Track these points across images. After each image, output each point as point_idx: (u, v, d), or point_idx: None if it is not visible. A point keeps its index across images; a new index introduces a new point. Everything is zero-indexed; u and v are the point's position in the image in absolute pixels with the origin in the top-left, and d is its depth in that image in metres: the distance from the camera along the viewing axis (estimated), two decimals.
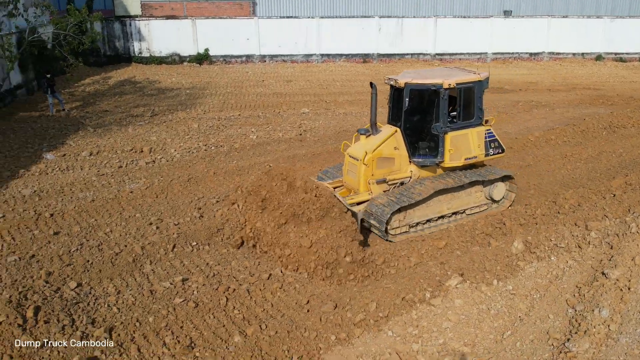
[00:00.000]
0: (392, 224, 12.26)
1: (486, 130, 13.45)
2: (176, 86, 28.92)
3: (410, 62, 35.36)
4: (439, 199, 12.87)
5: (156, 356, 8.96)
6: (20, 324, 9.22)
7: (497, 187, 13.64)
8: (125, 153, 18.39)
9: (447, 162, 13.05)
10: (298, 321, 9.77)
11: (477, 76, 13.06)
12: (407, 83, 12.57)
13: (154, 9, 35.24)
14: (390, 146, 12.91)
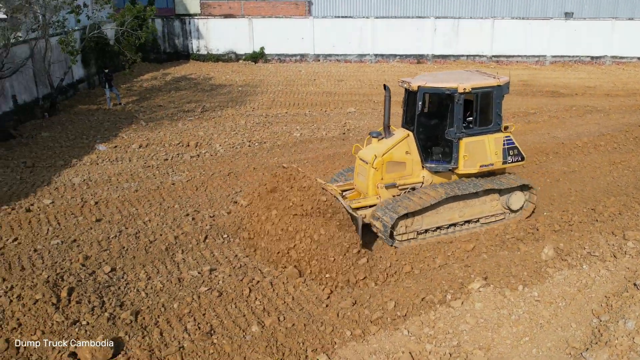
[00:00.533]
0: (398, 229, 12.05)
1: (505, 137, 12.96)
2: (229, 83, 29.60)
3: (465, 63, 34.86)
4: (450, 206, 12.49)
5: (177, 340, 9.32)
6: (54, 302, 9.80)
7: (515, 196, 13.11)
8: (173, 146, 19.04)
9: (461, 168, 12.64)
10: (316, 315, 9.94)
11: (496, 81, 12.61)
12: (420, 86, 12.26)
13: (212, 8, 36.15)
14: (402, 150, 12.61)
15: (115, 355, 8.87)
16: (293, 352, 9.13)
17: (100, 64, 28.00)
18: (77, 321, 9.53)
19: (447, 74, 14.13)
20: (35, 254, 11.80)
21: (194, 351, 9.07)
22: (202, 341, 9.29)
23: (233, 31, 35.31)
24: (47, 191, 15.22)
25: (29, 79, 22.56)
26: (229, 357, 9.01)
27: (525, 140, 19.35)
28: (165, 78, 31.24)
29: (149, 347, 9.10)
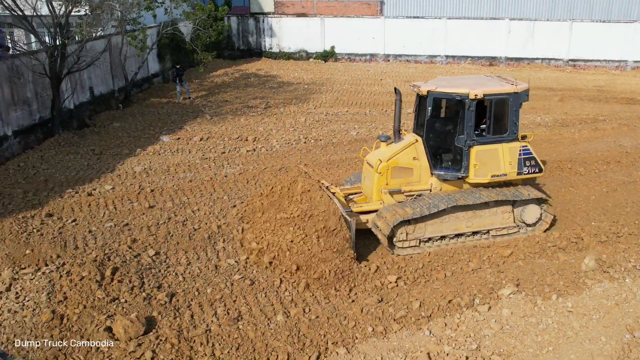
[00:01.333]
0: (399, 236, 11.81)
1: (521, 147, 12.41)
2: (297, 81, 30.14)
3: (540, 67, 33.83)
4: (456, 216, 12.10)
5: (205, 323, 9.79)
6: (98, 280, 10.53)
7: (529, 210, 12.51)
8: (232, 140, 19.70)
9: (471, 177, 12.25)
10: (340, 309, 10.15)
11: (513, 87, 12.12)
12: (430, 91, 12.01)
13: (286, 7, 36.87)
14: (409, 156, 12.34)
15: (147, 332, 9.44)
16: (314, 343, 9.38)
17: (175, 59, 29.24)
18: (117, 299, 10.20)
19: (464, 78, 13.78)
20: (89, 235, 12.66)
21: (219, 335, 9.51)
22: (229, 326, 9.72)
23: (305, 30, 35.88)
24: (110, 177, 16.19)
25: (106, 72, 23.94)
26: (252, 343, 9.38)
27: (588, 148, 18.71)
28: (235, 74, 32.20)
29: (178, 328, 9.62)
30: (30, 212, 13.68)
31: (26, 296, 10.45)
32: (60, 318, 9.71)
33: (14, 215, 13.47)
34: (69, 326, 9.58)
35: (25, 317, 9.86)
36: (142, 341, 9.24)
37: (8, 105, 17.85)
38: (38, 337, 9.37)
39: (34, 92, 19.10)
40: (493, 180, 12.32)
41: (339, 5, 36.37)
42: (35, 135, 19.10)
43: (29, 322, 9.74)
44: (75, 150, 18.54)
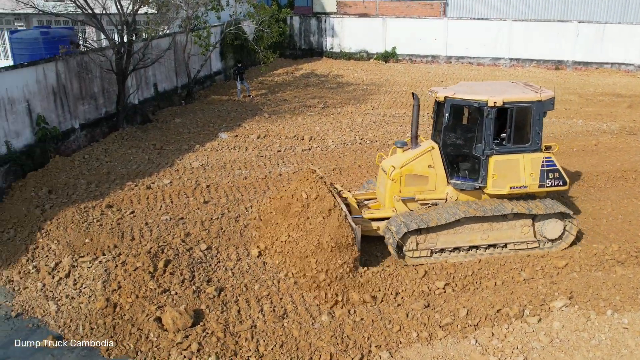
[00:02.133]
0: (409, 245, 11.53)
1: (545, 158, 11.85)
2: (356, 82, 30.12)
3: (609, 72, 32.54)
4: (471, 227, 11.68)
5: (251, 319, 9.95)
6: (151, 271, 10.87)
7: (550, 224, 11.92)
8: (288, 139, 19.89)
9: (489, 188, 11.82)
10: (386, 313, 10.10)
11: (536, 95, 11.58)
12: (447, 97, 11.64)
13: (348, 7, 36.91)
14: (424, 163, 11.98)
15: (194, 325, 9.68)
16: (357, 345, 9.39)
17: (237, 58, 29.76)
18: (167, 290, 10.50)
19: (486, 84, 13.30)
20: (146, 227, 13.07)
21: (264, 331, 9.65)
22: (274, 323, 9.85)
23: (367, 30, 35.80)
24: (169, 172, 16.66)
25: (170, 69, 24.62)
26: (296, 341, 9.47)
27: None
28: (296, 73, 32.47)
29: (224, 322, 9.82)
30: (92, 202, 14.24)
31: (83, 283, 10.92)
32: (114, 306, 10.09)
33: (76, 205, 14.06)
34: (121, 314, 9.94)
35: (81, 304, 10.30)
36: (189, 333, 9.49)
37: (76, 100, 18.64)
38: (92, 323, 9.76)
39: (100, 87, 19.88)
40: (512, 192, 11.82)
41: (402, 5, 36.11)
42: (100, 128, 19.86)
43: (84, 308, 10.17)
44: (137, 145, 19.17)
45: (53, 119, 17.56)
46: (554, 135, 20.36)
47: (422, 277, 11.08)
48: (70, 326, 9.81)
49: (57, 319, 10.02)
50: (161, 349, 9.21)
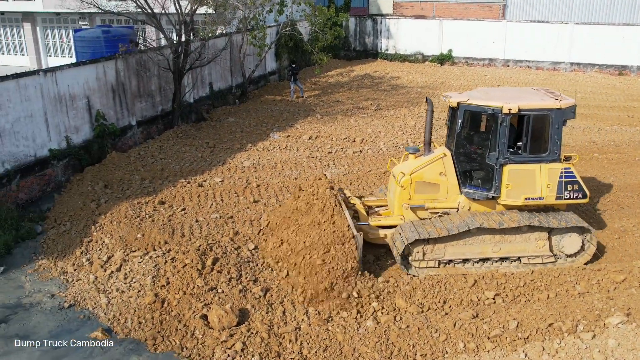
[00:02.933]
0: (415, 255, 11.17)
1: (564, 169, 11.31)
2: (410, 84, 29.77)
3: None
4: (482, 239, 11.23)
5: (296, 321, 9.93)
6: (199, 269, 10.98)
7: (568, 239, 11.39)
8: (340, 141, 19.82)
9: (503, 198, 11.32)
10: (432, 321, 9.89)
11: (555, 103, 11.01)
12: (460, 103, 11.20)
13: (404, 8, 36.54)
14: (435, 171, 11.60)
15: (239, 324, 9.72)
16: (402, 353, 9.23)
17: (292, 58, 29.91)
18: (214, 288, 10.59)
19: (504, 90, 12.78)
20: (196, 225, 13.24)
21: (308, 334, 9.61)
22: (318, 326, 9.79)
23: (422, 32, 35.35)
24: (220, 170, 16.85)
25: (225, 68, 24.95)
26: (340, 345, 9.39)
27: None
28: (350, 75, 32.37)
29: (269, 323, 9.82)
30: (145, 198, 14.54)
31: (133, 278, 11.14)
32: (162, 302, 10.24)
33: (130, 200, 14.38)
34: (168, 310, 10.08)
35: (131, 297, 10.50)
36: (234, 332, 9.53)
37: (134, 97, 19.10)
38: (140, 317, 9.94)
39: (158, 85, 20.30)
40: (527, 203, 11.32)
41: (459, 7, 35.48)
42: (156, 126, 20.30)
43: (133, 302, 10.37)
44: (191, 142, 19.47)
45: (111, 116, 18.04)
46: (615, 143, 19.58)
47: (472, 286, 10.80)
48: (119, 319, 10.01)
49: (107, 311, 10.25)
50: (206, 347, 9.29)
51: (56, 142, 15.89)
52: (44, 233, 13.22)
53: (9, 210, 13.70)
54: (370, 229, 11.95)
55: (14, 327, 9.95)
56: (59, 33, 34.53)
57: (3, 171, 14.21)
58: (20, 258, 12.19)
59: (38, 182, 15.24)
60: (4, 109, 14.19)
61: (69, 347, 9.39)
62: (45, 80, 15.45)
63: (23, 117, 14.78)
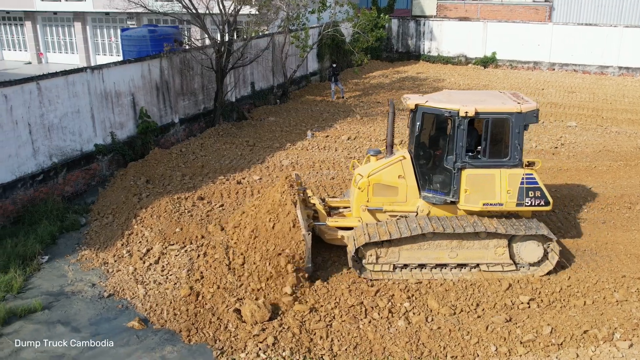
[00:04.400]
0: (368, 258, 11.00)
1: (525, 175, 10.94)
2: (452, 86, 29.50)
3: None
4: (438, 244, 10.98)
5: (328, 317, 10.00)
6: (227, 264, 11.18)
7: (529, 247, 11.04)
8: (379, 142, 19.81)
9: (462, 203, 11.02)
10: (465, 323, 9.84)
11: (515, 107, 10.68)
12: (418, 105, 10.99)
13: (448, 10, 36.25)
14: (393, 174, 11.38)
15: (271, 319, 9.87)
16: (432, 354, 9.22)
17: (333, 59, 30.04)
18: (244, 284, 10.77)
19: (469, 93, 12.47)
20: None
21: (339, 331, 9.69)
22: (349, 324, 9.85)
23: (466, 34, 34.98)
24: (259, 168, 17.08)
25: (267, 68, 25.25)
26: (370, 344, 9.44)
27: None
28: (391, 76, 32.29)
29: (301, 318, 9.93)
30: (185, 194, 14.87)
31: (170, 270, 11.44)
32: (197, 295, 10.49)
33: (170, 195, 14.73)
34: (203, 303, 10.32)
35: (167, 290, 10.78)
36: (266, 326, 9.69)
37: (177, 95, 19.52)
38: (176, 309, 10.19)
39: (200, 84, 20.71)
40: (485, 209, 11.02)
41: (504, 9, 34.99)
42: (198, 123, 20.70)
43: (169, 294, 10.64)
44: (231, 141, 19.79)
45: (155, 113, 18.50)
46: None
47: (506, 289, 10.69)
48: (155, 310, 10.29)
49: (144, 302, 10.54)
50: (238, 340, 9.46)
51: (101, 138, 16.39)
52: (87, 225, 13.66)
53: (55, 202, 14.23)
54: (328, 230, 11.92)
55: (56, 313, 10.34)
56: (108, 32, 35.53)
57: (51, 164, 14.74)
58: (64, 248, 12.65)
59: (83, 176, 15.74)
60: (53, 104, 14.73)
61: (106, 335, 9.70)
62: (93, 77, 15.96)
63: (71, 113, 15.30)
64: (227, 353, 9.21)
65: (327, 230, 11.90)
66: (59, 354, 9.29)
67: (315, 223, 11.88)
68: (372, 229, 11.11)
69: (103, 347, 9.40)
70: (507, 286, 10.75)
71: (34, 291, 11.03)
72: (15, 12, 37.16)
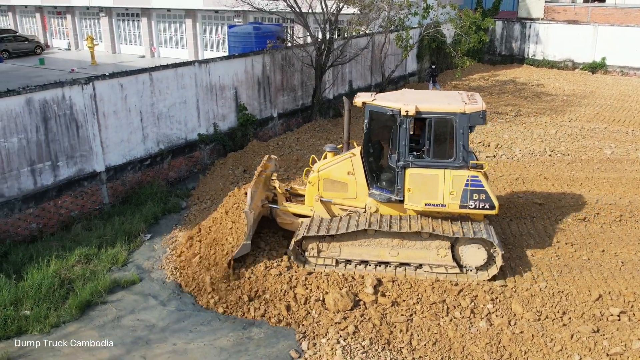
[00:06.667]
0: (310, 251, 11.25)
1: (470, 177, 10.57)
2: (556, 92, 28.50)
3: None
4: (379, 242, 11.03)
5: (409, 312, 10.16)
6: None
7: (471, 251, 10.85)
8: (473, 145, 19.57)
9: (406, 202, 10.84)
10: (549, 330, 9.68)
11: (459, 107, 10.36)
12: (365, 103, 10.96)
13: (556, 13, 34.95)
14: (343, 170, 11.49)
15: (353, 308, 10.18)
16: (512, 358, 9.18)
17: (433, 60, 29.86)
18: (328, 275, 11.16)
19: (421, 93, 12.37)
20: None
21: (419, 326, 9.85)
22: (430, 320, 9.97)
23: (574, 38, 33.57)
24: None
25: (365, 67, 25.55)
26: (450, 342, 9.52)
27: None
28: (492, 79, 31.62)
29: (382, 311, 10.17)
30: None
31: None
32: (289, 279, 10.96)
33: None
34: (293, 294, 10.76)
35: None
36: (347, 315, 10.01)
37: (277, 90, 20.25)
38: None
39: (300, 80, 21.34)
40: (427, 209, 10.93)
41: (618, 12, 33.25)
42: (295, 119, 21.36)
43: None
44: (326, 137, 20.25)
45: (255, 107, 19.30)
46: None
47: (596, 300, 10.38)
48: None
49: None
50: (320, 326, 9.85)
51: (205, 128, 17.35)
52: (187, 208, 14.57)
53: (160, 185, 15.29)
54: (281, 214, 12.28)
55: (149, 286, 11.19)
56: (215, 29, 37.19)
57: (157, 150, 15.81)
58: (164, 228, 13.59)
59: (186, 163, 16.75)
60: (163, 94, 15.78)
61: (190, 312, 10.38)
62: (200, 71, 16.93)
63: (178, 103, 16.32)
64: (309, 337, 9.61)
65: (280, 214, 12.37)
66: (151, 324, 10.07)
67: (270, 205, 12.40)
68: (315, 223, 11.45)
69: (187, 323, 10.05)
70: (597, 296, 10.43)
71: (132, 265, 11.95)
72: (134, 8, 39.72)
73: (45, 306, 10.22)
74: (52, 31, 46.19)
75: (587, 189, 15.63)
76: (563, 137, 20.60)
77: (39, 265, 11.20)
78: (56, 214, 13.45)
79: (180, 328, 9.93)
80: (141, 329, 9.93)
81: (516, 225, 13.46)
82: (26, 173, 12.79)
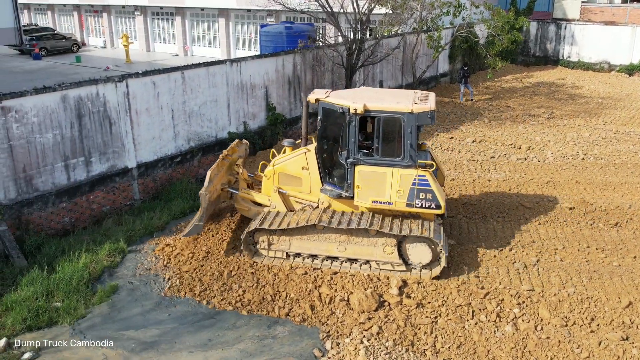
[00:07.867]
0: (261, 244, 11.58)
1: (418, 176, 10.80)
2: (590, 94, 27.97)
3: None
4: (327, 237, 11.26)
5: (434, 314, 10.12)
6: None
7: (416, 249, 11.06)
8: (504, 146, 19.38)
9: (356, 199, 11.14)
10: (576, 336, 9.54)
11: (407, 107, 10.40)
12: (318, 100, 11.12)
13: (593, 14, 34.31)
14: (297, 165, 11.82)
15: (378, 309, 10.18)
16: None
17: (465, 60, 29.59)
18: (354, 276, 11.17)
19: (376, 91, 12.40)
20: None
21: (444, 329, 9.80)
22: (455, 323, 9.91)
23: (611, 39, 32.90)
24: None
25: (396, 67, 25.46)
26: (474, 345, 9.46)
27: None
28: (525, 81, 31.21)
29: (407, 312, 10.15)
30: None
31: None
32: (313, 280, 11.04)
33: None
34: (317, 293, 10.82)
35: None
36: (372, 316, 10.02)
37: (308, 90, 20.30)
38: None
39: (330, 80, 21.37)
40: (374, 206, 11.17)
41: None
42: None
43: None
44: None
45: (285, 106, 19.40)
46: None
47: (626, 307, 10.19)
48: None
49: None
50: (345, 325, 9.88)
51: (235, 126, 17.52)
52: None
53: (190, 182, 15.49)
54: (241, 199, 12.59)
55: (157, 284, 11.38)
56: (248, 28, 37.48)
57: (188, 148, 16.03)
58: None
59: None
60: (195, 92, 15.99)
61: (212, 312, 10.52)
62: (231, 69, 17.10)
63: (209, 101, 16.52)
64: (332, 337, 9.64)
65: (239, 199, 12.79)
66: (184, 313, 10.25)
67: (229, 189, 12.81)
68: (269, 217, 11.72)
69: (216, 319, 10.20)
70: (628, 303, 10.23)
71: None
72: (168, 7, 40.30)
73: (75, 299, 10.47)
74: (88, 29, 47.17)
75: (620, 193, 15.34)
76: (597, 140, 20.23)
77: (70, 259, 11.49)
78: (88, 208, 13.75)
79: (210, 324, 10.06)
80: (167, 323, 10.11)
81: (545, 229, 13.28)
82: (60, 168, 13.10)
